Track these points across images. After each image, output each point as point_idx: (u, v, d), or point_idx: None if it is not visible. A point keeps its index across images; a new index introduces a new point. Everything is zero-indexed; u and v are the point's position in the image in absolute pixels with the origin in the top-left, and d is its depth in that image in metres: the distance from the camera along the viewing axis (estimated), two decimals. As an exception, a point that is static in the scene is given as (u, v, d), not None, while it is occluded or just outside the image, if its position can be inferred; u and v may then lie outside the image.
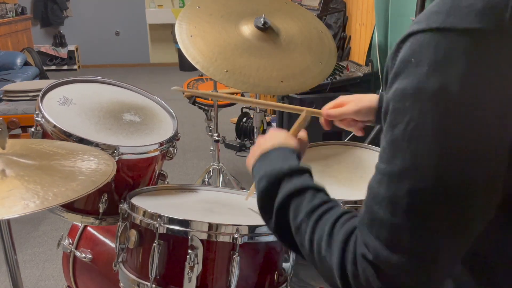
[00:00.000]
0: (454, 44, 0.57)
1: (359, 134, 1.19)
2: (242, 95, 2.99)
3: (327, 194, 0.76)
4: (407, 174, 0.58)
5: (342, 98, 1.15)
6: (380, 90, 2.66)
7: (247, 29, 1.55)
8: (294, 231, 0.72)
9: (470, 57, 0.56)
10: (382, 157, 0.62)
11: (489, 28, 0.55)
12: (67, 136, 1.19)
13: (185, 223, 0.99)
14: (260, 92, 1.64)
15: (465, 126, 0.56)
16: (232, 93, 2.95)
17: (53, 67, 7.12)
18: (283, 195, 0.74)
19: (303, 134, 0.93)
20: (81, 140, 1.18)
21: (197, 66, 1.41)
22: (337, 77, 2.63)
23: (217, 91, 2.58)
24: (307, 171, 0.80)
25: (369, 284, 0.60)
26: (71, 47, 7.21)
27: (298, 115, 1.06)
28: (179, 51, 6.99)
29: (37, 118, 1.23)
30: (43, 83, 2.71)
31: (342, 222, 0.67)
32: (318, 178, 1.60)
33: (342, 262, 0.63)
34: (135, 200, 1.13)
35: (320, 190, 0.75)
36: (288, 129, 1.01)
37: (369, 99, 1.11)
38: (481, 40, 0.56)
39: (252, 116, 3.68)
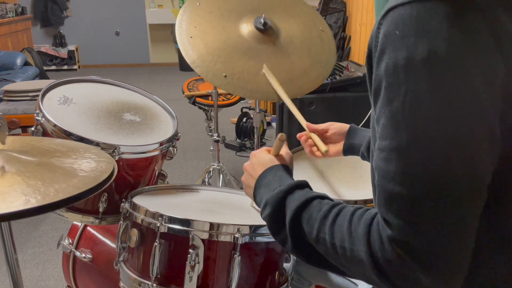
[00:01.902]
0: (435, 11, 0.59)
1: (309, 153, 1.25)
2: (242, 98, 2.99)
3: (331, 200, 0.76)
4: (416, 143, 0.59)
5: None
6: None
7: (247, 29, 1.55)
8: (314, 244, 0.72)
9: (451, 22, 0.58)
10: (383, 135, 0.62)
11: None
12: (67, 135, 1.19)
13: (186, 222, 0.99)
14: (258, 98, 1.64)
15: (459, 87, 0.58)
16: (231, 94, 2.95)
17: (53, 67, 7.12)
18: (291, 213, 0.74)
19: (284, 149, 0.92)
20: (81, 139, 1.18)
21: (196, 71, 1.41)
22: (337, 77, 2.63)
23: (217, 91, 2.58)
24: (305, 184, 0.80)
25: (404, 264, 0.60)
26: (71, 47, 7.21)
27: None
28: (179, 51, 6.97)
29: (37, 118, 1.23)
30: (43, 83, 2.71)
31: (357, 217, 0.67)
32: (318, 178, 1.61)
33: (372, 254, 0.63)
34: (137, 199, 1.13)
35: (324, 197, 0.76)
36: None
37: (342, 124, 1.23)
38: (459, 8, 0.58)
39: (252, 116, 3.68)
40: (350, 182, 1.52)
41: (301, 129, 1.26)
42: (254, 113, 1.89)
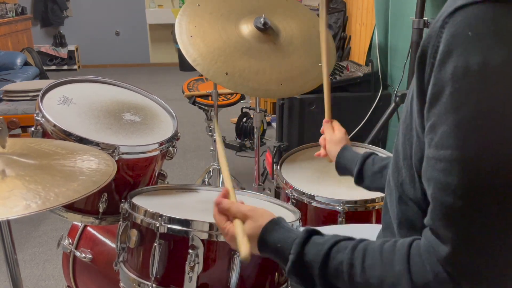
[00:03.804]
0: None
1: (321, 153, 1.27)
2: (242, 95, 2.99)
3: (343, 238, 0.73)
4: (486, 156, 0.55)
5: None
6: (381, 89, 2.66)
7: (247, 29, 1.55)
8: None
9: None
10: (443, 144, 0.58)
11: None
12: (67, 136, 1.19)
13: (185, 223, 0.98)
14: (259, 96, 1.64)
15: None
16: (232, 94, 2.95)
17: (53, 67, 7.12)
18: (317, 278, 0.71)
19: (244, 211, 0.85)
20: (81, 140, 1.18)
21: (197, 68, 1.42)
22: (337, 77, 2.62)
23: (217, 91, 2.57)
24: (310, 233, 0.76)
25: (454, 285, 0.57)
26: (71, 47, 7.21)
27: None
28: (179, 51, 6.99)
29: (37, 118, 1.23)
30: (43, 83, 2.71)
31: (388, 253, 0.64)
32: (318, 178, 1.61)
33: (414, 286, 0.59)
34: (136, 200, 1.13)
35: (337, 241, 0.72)
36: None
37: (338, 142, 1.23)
38: None
39: (252, 116, 3.68)
40: (351, 182, 1.52)
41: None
42: (254, 113, 1.89)
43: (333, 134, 1.23)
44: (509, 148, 0.54)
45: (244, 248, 0.78)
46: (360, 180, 1.13)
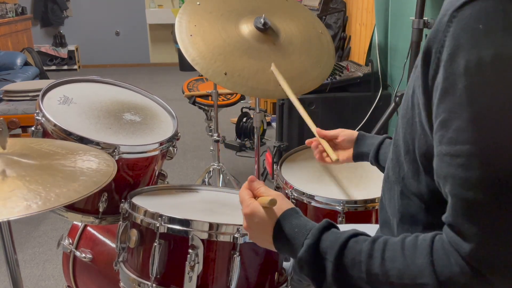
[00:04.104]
0: None
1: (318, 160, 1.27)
2: (242, 97, 2.99)
3: (362, 233, 0.71)
4: (506, 147, 0.54)
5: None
6: (381, 89, 2.66)
7: (247, 29, 1.55)
8: (368, 286, 0.67)
9: None
10: (459, 139, 0.57)
11: None
12: (67, 135, 1.19)
13: (185, 222, 0.99)
14: (258, 96, 1.64)
15: None
16: (231, 94, 2.95)
17: (53, 67, 7.12)
18: (331, 265, 0.69)
19: (272, 193, 0.84)
20: (81, 139, 1.18)
21: (196, 68, 1.42)
22: (337, 77, 2.63)
23: (217, 91, 2.58)
24: (328, 224, 0.75)
25: (482, 281, 0.57)
26: (71, 47, 7.21)
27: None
28: (179, 51, 6.99)
29: (37, 117, 1.23)
30: (43, 83, 2.71)
31: (410, 247, 0.63)
32: (319, 178, 1.61)
33: (441, 283, 0.59)
34: (136, 200, 1.13)
35: (356, 234, 0.71)
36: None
37: (352, 131, 1.24)
38: None
39: (252, 116, 3.68)
40: (351, 182, 1.52)
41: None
42: (254, 113, 1.89)
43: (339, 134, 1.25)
44: None
45: (270, 199, 0.78)
46: (376, 156, 1.16)
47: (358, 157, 1.22)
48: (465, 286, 0.58)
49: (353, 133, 1.23)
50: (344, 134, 1.24)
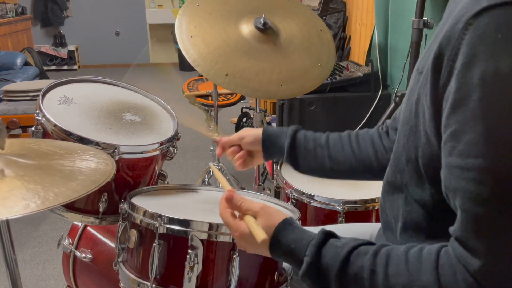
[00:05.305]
0: None
1: (238, 167, 1.16)
2: (242, 97, 2.99)
3: (364, 242, 0.69)
4: None
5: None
6: (381, 89, 2.66)
7: (247, 29, 1.55)
8: None
9: None
10: (471, 152, 0.55)
11: None
12: (68, 135, 1.19)
13: (185, 223, 0.98)
14: (260, 97, 1.64)
15: None
16: (232, 94, 2.95)
17: (53, 67, 7.12)
18: (334, 283, 0.68)
19: (256, 210, 0.79)
20: (81, 139, 1.18)
21: (197, 69, 1.42)
22: (337, 77, 2.62)
23: (217, 91, 2.58)
24: (327, 235, 0.72)
25: None
26: (71, 47, 7.22)
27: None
28: (179, 51, 6.99)
29: (37, 117, 1.23)
30: (43, 83, 2.71)
31: (415, 261, 0.62)
32: (318, 178, 1.60)
33: None
34: (136, 200, 1.13)
35: (356, 245, 0.69)
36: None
37: (256, 131, 1.10)
38: None
39: (252, 116, 3.68)
40: (350, 182, 1.52)
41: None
42: (254, 113, 1.89)
43: (242, 138, 1.12)
44: None
45: (261, 233, 0.73)
46: (292, 157, 1.05)
47: (268, 158, 1.12)
48: None
49: (258, 133, 1.10)
50: (249, 134, 1.10)
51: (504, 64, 0.52)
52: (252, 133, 1.09)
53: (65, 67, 7.22)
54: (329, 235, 0.72)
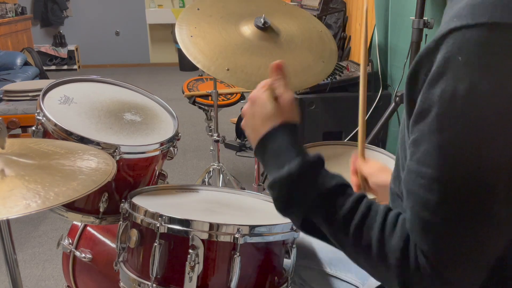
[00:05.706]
0: (505, 40, 0.53)
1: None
2: (243, 95, 2.99)
3: (347, 185, 0.72)
4: (466, 180, 0.55)
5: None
6: (381, 89, 2.66)
7: (247, 29, 1.55)
8: (330, 228, 0.69)
9: None
10: (425, 161, 0.58)
11: None
12: (68, 135, 1.19)
13: (186, 222, 0.98)
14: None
15: None
16: (231, 94, 2.95)
17: (53, 67, 7.12)
18: (305, 209, 0.70)
19: (286, 94, 0.83)
20: (82, 139, 1.18)
21: (198, 65, 1.41)
22: (337, 77, 2.63)
23: (217, 91, 2.57)
24: (317, 160, 0.74)
25: (432, 284, 0.59)
26: (71, 47, 7.21)
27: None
28: (179, 51, 6.99)
29: (38, 117, 1.23)
30: (43, 83, 2.71)
31: (390, 225, 0.64)
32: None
33: (402, 265, 0.61)
34: (136, 200, 1.13)
35: (342, 185, 0.71)
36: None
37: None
38: None
39: (252, 116, 3.67)
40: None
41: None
42: (254, 113, 1.89)
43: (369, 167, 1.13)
44: (485, 175, 0.55)
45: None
46: None
47: None
48: (419, 279, 0.60)
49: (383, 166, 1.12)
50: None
51: (461, 86, 0.54)
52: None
53: (65, 67, 7.21)
54: (320, 161, 0.74)
